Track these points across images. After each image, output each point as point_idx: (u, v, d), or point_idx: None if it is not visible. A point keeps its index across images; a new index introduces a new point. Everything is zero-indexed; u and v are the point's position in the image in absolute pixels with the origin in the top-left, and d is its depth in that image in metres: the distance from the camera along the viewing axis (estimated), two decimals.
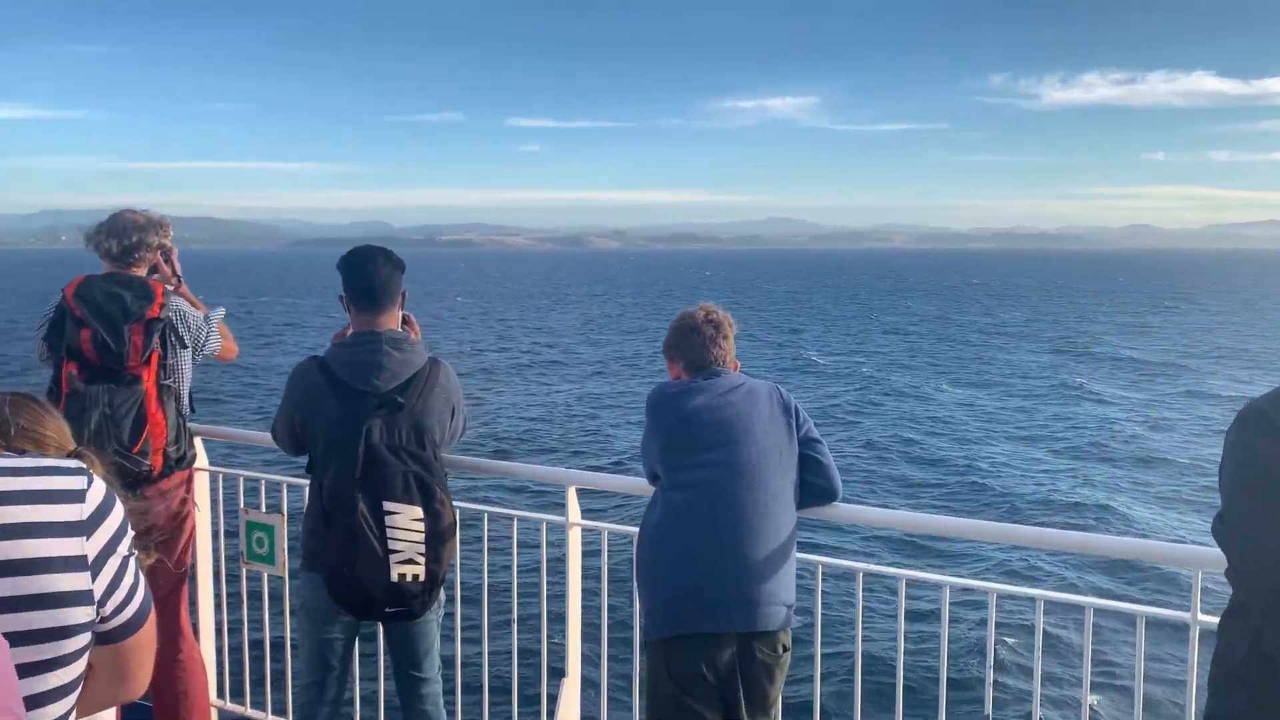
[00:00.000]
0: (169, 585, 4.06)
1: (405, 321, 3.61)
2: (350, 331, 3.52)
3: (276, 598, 4.25)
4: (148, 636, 1.52)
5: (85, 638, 1.36)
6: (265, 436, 3.90)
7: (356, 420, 3.27)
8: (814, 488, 3.21)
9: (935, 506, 15.48)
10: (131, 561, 1.45)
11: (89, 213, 4.08)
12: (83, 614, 1.34)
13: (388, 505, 3.23)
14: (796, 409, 3.26)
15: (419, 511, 3.25)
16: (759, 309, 64.62)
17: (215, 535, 4.34)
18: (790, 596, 3.10)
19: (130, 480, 3.83)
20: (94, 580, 1.36)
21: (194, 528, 4.17)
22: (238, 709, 4.37)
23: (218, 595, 4.41)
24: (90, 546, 1.36)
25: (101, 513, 1.40)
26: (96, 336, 3.77)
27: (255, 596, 4.31)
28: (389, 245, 3.65)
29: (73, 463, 1.42)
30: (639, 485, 3.37)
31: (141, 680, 1.56)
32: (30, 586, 1.28)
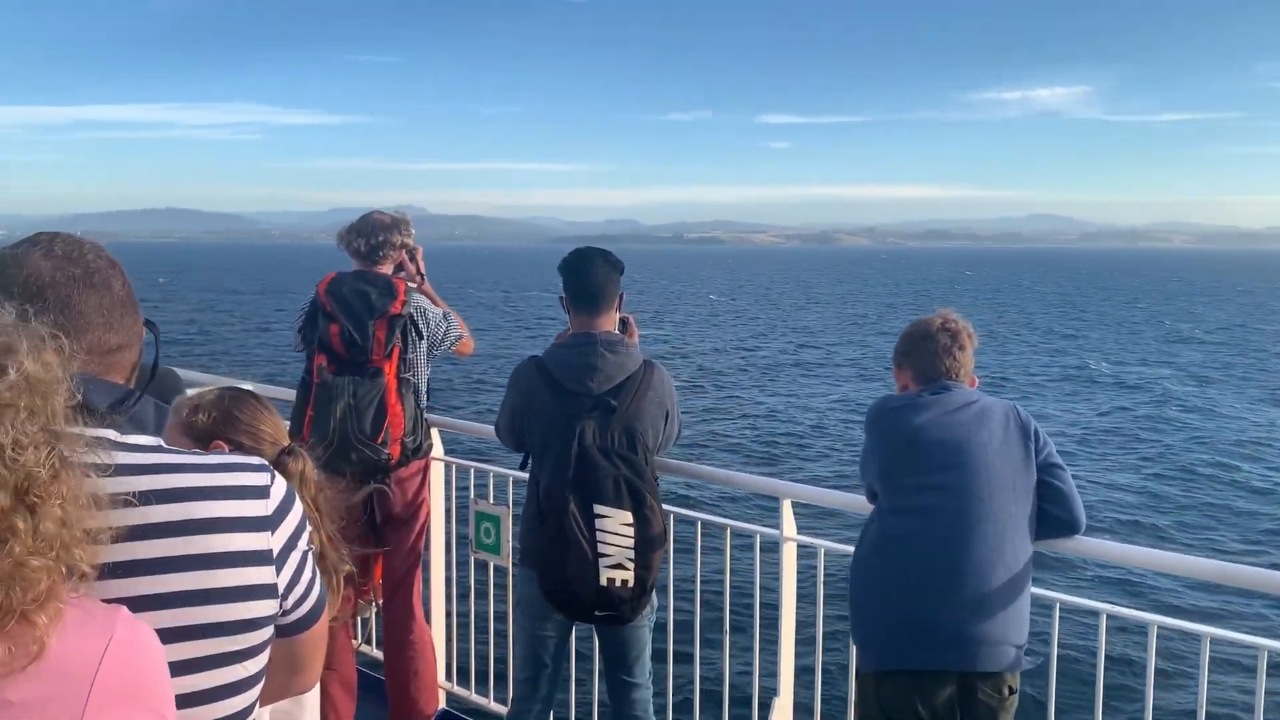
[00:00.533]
0: (403, 569, 4.27)
1: (624, 324, 3.62)
2: (569, 332, 3.56)
3: (503, 587, 4.38)
4: (320, 632, 1.55)
5: (269, 631, 1.40)
6: (493, 430, 4.03)
7: (570, 421, 3.30)
8: (1053, 518, 2.91)
9: (1255, 541, 13.68)
10: (310, 556, 1.48)
11: (369, 210, 4.37)
12: (268, 607, 1.38)
13: (598, 508, 3.24)
14: (1036, 431, 2.98)
15: (629, 516, 3.24)
16: (1029, 312, 60.64)
17: (448, 523, 4.52)
18: (1020, 636, 2.83)
19: (370, 467, 4.06)
20: (278, 574, 1.39)
21: (428, 515, 4.37)
22: (464, 692, 4.54)
23: (448, 581, 4.60)
24: (275, 541, 1.40)
25: (284, 508, 1.43)
26: (344, 331, 4.01)
27: (484, 584, 4.45)
28: (638, 242, 3.71)
29: (256, 459, 1.45)
30: (861, 503, 3.19)
31: (314, 673, 1.59)
32: (219, 580, 1.32)
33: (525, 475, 3.93)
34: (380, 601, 4.29)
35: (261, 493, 1.40)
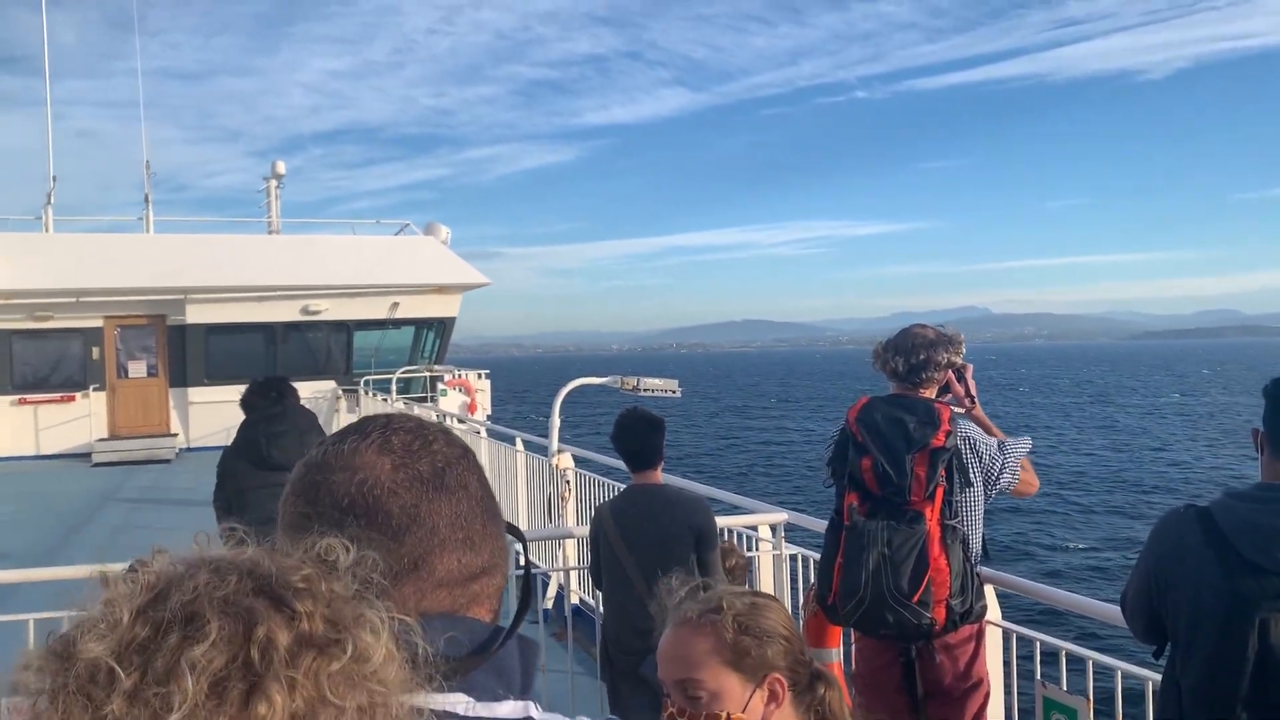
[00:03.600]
0: None
1: None
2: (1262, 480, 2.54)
3: None
4: None
5: None
6: (1077, 600, 3.18)
7: (1245, 607, 2.26)
8: None
9: None
10: None
11: (931, 313, 3.84)
12: None
13: None
14: None
15: None
16: None
17: (1008, 705, 3.67)
18: None
19: (909, 632, 3.40)
20: None
21: (987, 693, 3.58)
22: None
23: None
24: None
25: None
26: (877, 465, 3.45)
27: None
28: (1241, 334, 2.60)
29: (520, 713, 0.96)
30: None
31: None
32: None
33: (1107, 659, 3.02)
34: None
35: None
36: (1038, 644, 3.48)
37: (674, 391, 7.68)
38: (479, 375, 21.95)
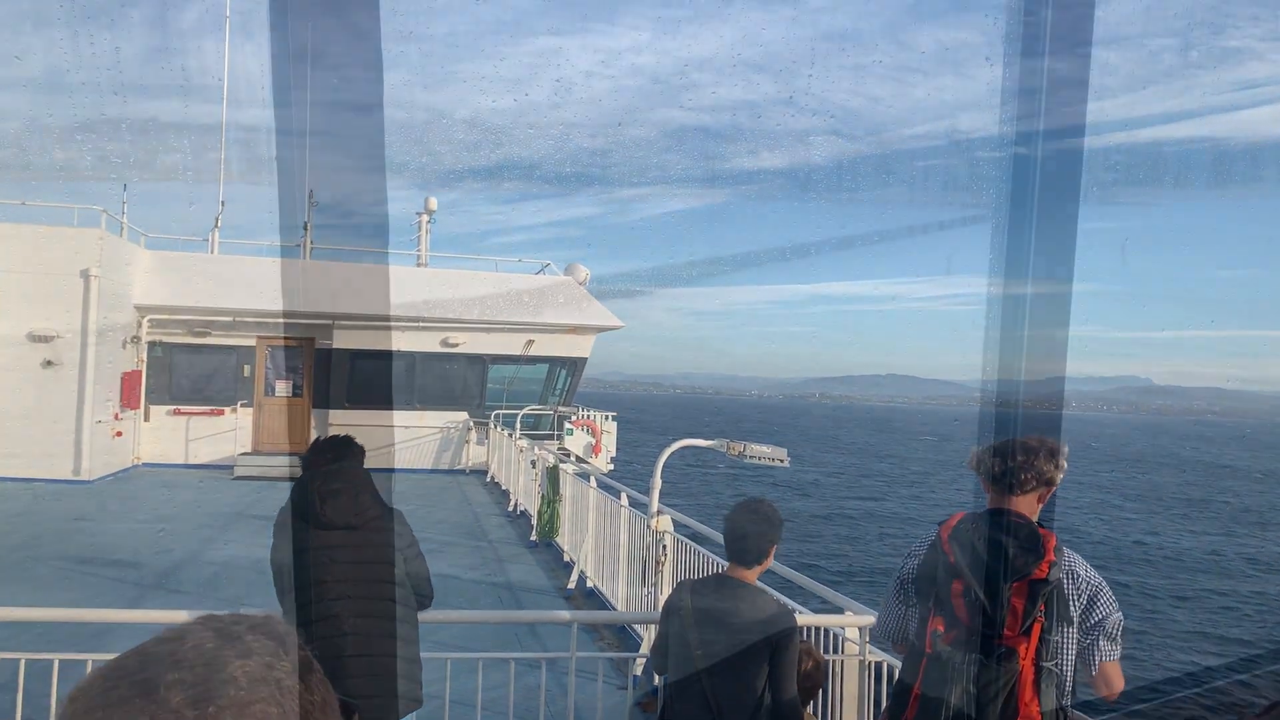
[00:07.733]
0: None
1: None
2: None
3: None
4: None
5: None
6: None
7: None
8: None
9: None
10: None
11: (1089, 379, 3.69)
12: None
13: None
14: None
15: None
16: None
17: None
18: None
19: None
20: None
21: None
22: None
23: None
24: None
25: None
26: (969, 593, 3.09)
27: None
28: None
29: None
30: None
31: None
32: None
33: None
34: None
35: None
36: None
37: (782, 461, 7.32)
38: (606, 417, 21.95)
